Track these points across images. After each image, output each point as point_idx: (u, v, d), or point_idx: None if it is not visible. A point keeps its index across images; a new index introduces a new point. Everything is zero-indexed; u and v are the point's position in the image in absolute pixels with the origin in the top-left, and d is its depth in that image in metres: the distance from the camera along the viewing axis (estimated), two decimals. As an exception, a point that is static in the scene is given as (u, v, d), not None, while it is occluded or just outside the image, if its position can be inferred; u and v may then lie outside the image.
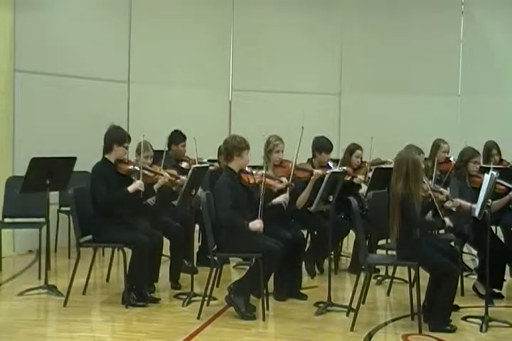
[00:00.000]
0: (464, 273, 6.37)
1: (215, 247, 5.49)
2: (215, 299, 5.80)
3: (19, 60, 8.09)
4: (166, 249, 6.51)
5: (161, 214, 6.51)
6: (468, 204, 5.76)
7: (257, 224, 5.42)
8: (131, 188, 5.73)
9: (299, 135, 6.13)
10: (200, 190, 6.09)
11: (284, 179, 6.00)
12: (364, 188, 7.05)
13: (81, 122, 8.50)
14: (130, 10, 9.38)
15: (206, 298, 5.54)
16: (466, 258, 7.37)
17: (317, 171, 6.41)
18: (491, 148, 7.15)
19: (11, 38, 8.03)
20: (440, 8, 10.18)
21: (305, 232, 6.80)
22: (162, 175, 6.25)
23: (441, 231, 6.70)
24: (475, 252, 7.11)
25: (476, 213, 5.35)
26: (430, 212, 5.43)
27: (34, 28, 8.18)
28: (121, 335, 5.04)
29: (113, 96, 9.16)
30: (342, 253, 7.75)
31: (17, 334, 4.99)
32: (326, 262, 6.38)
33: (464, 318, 5.41)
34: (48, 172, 6.03)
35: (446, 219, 5.30)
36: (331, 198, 5.67)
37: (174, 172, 6.64)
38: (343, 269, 7.30)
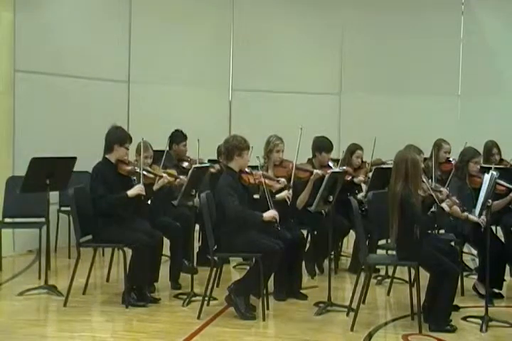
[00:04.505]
0: (464, 273, 6.37)
1: (215, 247, 5.49)
2: (215, 299, 5.80)
3: (19, 60, 8.09)
4: (166, 249, 6.51)
5: (161, 214, 6.51)
6: (464, 214, 5.75)
7: (270, 213, 5.45)
8: (130, 192, 5.71)
9: (299, 135, 6.13)
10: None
11: (282, 179, 6.00)
12: (363, 191, 7.05)
13: (81, 122, 8.51)
14: (130, 10, 9.39)
15: (206, 298, 5.54)
16: (466, 258, 7.36)
17: (317, 171, 6.41)
18: (491, 148, 7.16)
19: (11, 38, 8.03)
20: (440, 8, 10.17)
21: (305, 232, 6.79)
22: (161, 176, 6.25)
23: (442, 231, 6.70)
24: (475, 252, 7.11)
25: (476, 213, 5.35)
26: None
27: (34, 28, 8.18)
28: (121, 335, 5.04)
29: (113, 96, 9.16)
30: (342, 253, 7.75)
31: (17, 334, 4.99)
32: (326, 262, 6.38)
33: (464, 318, 5.41)
34: (48, 172, 6.03)
35: (444, 205, 5.27)
36: (331, 198, 5.67)
37: (174, 172, 6.64)
38: (343, 269, 7.30)
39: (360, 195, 6.97)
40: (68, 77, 8.54)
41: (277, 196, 5.96)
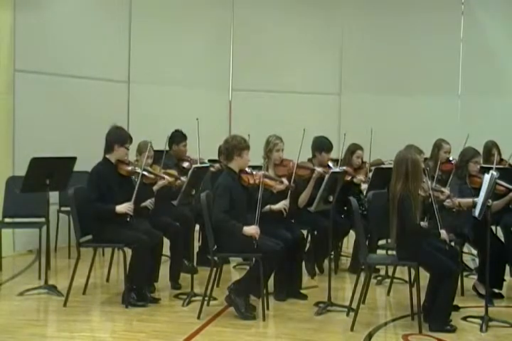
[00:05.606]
0: (464, 273, 6.37)
1: (215, 247, 5.49)
2: (215, 299, 5.80)
3: (19, 60, 8.09)
4: (166, 249, 6.51)
5: (161, 214, 6.51)
6: (469, 199, 5.77)
7: (251, 230, 5.35)
8: (118, 209, 5.68)
9: (299, 135, 6.13)
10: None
11: (285, 180, 5.98)
12: (365, 186, 7.04)
13: (81, 122, 8.51)
14: (130, 10, 9.39)
15: (206, 298, 5.54)
16: (466, 258, 7.36)
17: (318, 169, 6.41)
18: (491, 148, 7.16)
19: (11, 38, 8.03)
20: (440, 8, 10.17)
21: (305, 232, 6.79)
22: (162, 177, 6.25)
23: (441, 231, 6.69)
24: (475, 252, 7.11)
25: (476, 213, 5.35)
26: (425, 219, 5.44)
27: (34, 28, 8.18)
28: (121, 335, 5.04)
29: (113, 96, 9.16)
30: (342, 253, 7.74)
31: (17, 334, 4.99)
32: (326, 262, 6.38)
33: (464, 318, 5.41)
34: (48, 172, 6.03)
35: (443, 232, 5.29)
36: (331, 198, 5.67)
37: (174, 172, 6.65)
38: (343, 269, 7.30)
39: (362, 187, 6.97)
40: (68, 77, 8.54)
41: (273, 207, 5.92)
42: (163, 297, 6.01)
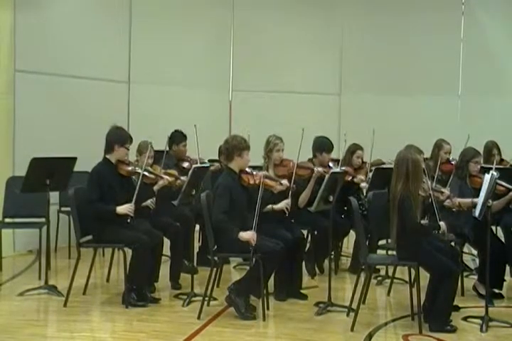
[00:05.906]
0: (464, 273, 6.37)
1: (215, 247, 5.49)
2: (215, 299, 5.80)
3: (19, 60, 8.09)
4: (166, 249, 6.51)
5: (162, 214, 6.51)
6: (468, 200, 5.78)
7: (247, 235, 5.32)
8: (119, 209, 5.67)
9: (299, 135, 6.13)
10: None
11: (285, 181, 5.97)
12: (364, 184, 7.04)
13: (81, 122, 8.51)
14: (130, 10, 9.39)
15: (206, 298, 5.54)
16: (466, 258, 7.36)
17: (318, 169, 6.41)
18: (491, 149, 7.16)
19: (11, 38, 8.03)
20: (440, 8, 10.17)
21: (305, 232, 6.79)
22: (162, 177, 6.26)
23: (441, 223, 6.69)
24: (475, 252, 7.11)
25: (477, 213, 5.35)
26: (425, 218, 5.45)
27: (34, 28, 8.18)
28: (121, 335, 5.04)
29: (113, 96, 9.16)
30: (342, 253, 7.74)
31: (17, 334, 4.99)
32: (326, 262, 6.38)
33: (464, 318, 5.41)
34: (48, 173, 6.03)
35: (442, 224, 5.29)
36: (331, 198, 5.67)
37: (175, 172, 6.66)
38: (343, 269, 7.30)
39: (362, 185, 6.96)
40: (68, 77, 8.54)
41: (275, 207, 5.92)
42: (163, 297, 6.01)
